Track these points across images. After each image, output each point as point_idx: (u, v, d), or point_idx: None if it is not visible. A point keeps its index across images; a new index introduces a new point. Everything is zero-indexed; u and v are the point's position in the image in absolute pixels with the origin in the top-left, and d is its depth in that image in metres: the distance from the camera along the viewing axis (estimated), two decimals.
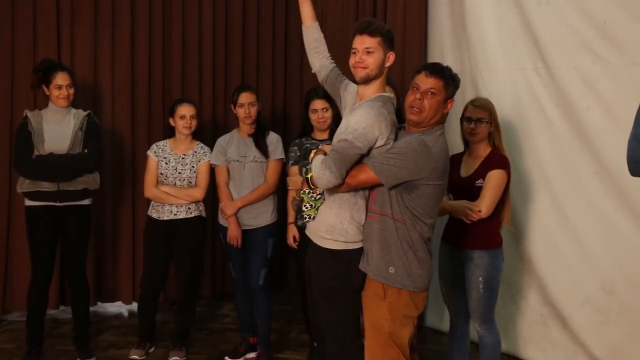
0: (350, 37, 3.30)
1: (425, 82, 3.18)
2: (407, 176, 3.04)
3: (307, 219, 3.37)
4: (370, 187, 3.20)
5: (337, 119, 4.47)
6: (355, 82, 3.30)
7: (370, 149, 3.15)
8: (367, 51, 3.21)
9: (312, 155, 3.34)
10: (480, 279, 3.84)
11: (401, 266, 3.09)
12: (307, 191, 3.32)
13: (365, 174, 3.06)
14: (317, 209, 3.32)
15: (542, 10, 4.53)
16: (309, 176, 3.27)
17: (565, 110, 4.43)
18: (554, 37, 4.47)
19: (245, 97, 4.64)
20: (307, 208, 3.33)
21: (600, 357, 4.30)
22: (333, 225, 3.25)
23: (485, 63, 4.89)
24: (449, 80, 3.20)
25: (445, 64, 3.34)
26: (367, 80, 3.23)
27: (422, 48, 5.36)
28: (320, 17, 6.18)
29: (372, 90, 3.26)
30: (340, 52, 5.84)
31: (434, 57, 5.37)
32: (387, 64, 3.27)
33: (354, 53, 3.24)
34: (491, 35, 4.84)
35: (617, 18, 4.13)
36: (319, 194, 3.31)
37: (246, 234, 4.67)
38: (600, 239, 4.30)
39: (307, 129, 4.61)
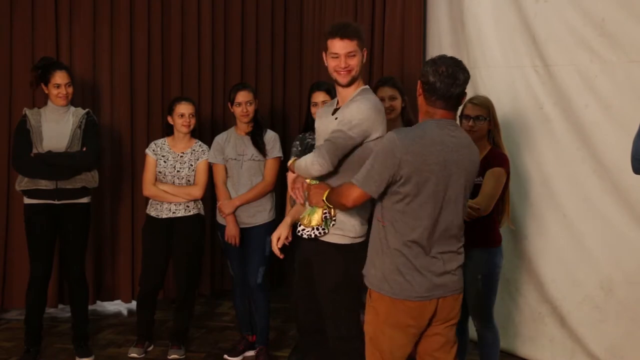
0: (327, 37, 3.33)
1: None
2: (381, 179, 2.88)
3: (321, 234, 3.35)
4: None
5: None
6: (337, 83, 3.37)
7: (364, 141, 3.25)
8: (349, 55, 3.29)
9: (290, 162, 3.47)
10: (480, 276, 3.84)
11: (379, 269, 2.96)
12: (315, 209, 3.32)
13: (356, 191, 2.97)
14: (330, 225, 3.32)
15: (540, 8, 4.53)
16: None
17: (564, 107, 4.44)
18: (552, 35, 4.47)
19: (242, 96, 4.64)
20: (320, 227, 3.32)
21: (599, 355, 4.30)
22: (342, 221, 3.32)
23: (483, 61, 4.89)
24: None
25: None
26: (351, 83, 3.35)
27: (420, 46, 5.36)
28: (319, 16, 6.19)
29: (354, 88, 3.37)
30: None
31: (432, 55, 5.35)
32: (364, 61, 3.39)
33: (335, 57, 3.30)
34: (489, 33, 4.84)
35: (615, 16, 4.14)
36: (333, 218, 3.31)
37: (244, 232, 4.67)
38: (599, 236, 4.31)
39: (310, 124, 4.61)
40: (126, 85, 5.83)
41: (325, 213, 3.30)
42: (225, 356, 4.83)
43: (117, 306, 5.95)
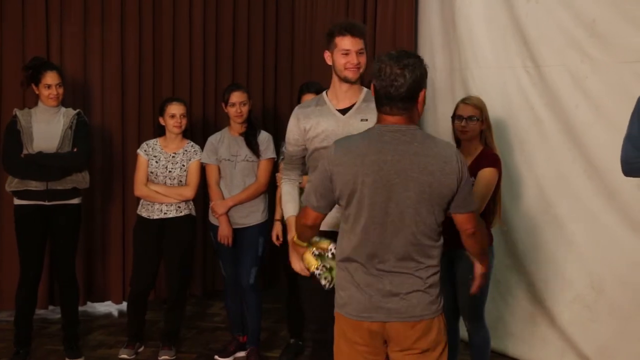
0: (335, 35, 3.33)
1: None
2: (317, 192, 2.76)
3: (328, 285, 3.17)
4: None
5: None
6: (346, 80, 3.37)
7: None
8: (359, 52, 3.34)
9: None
10: (470, 277, 3.84)
11: None
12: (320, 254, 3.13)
13: (306, 209, 2.85)
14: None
15: (531, 8, 4.54)
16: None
17: (554, 108, 4.45)
18: (543, 36, 4.48)
19: (236, 96, 4.64)
20: (325, 278, 3.12)
21: (589, 355, 4.31)
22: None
23: (474, 61, 4.89)
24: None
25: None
26: (358, 80, 3.40)
27: (412, 47, 5.36)
28: (311, 17, 6.19)
29: (357, 86, 3.44)
30: None
31: (424, 55, 5.32)
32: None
33: (346, 54, 3.32)
34: (481, 34, 4.85)
35: (606, 17, 4.15)
36: (329, 249, 3.10)
37: (237, 232, 4.67)
38: (589, 236, 4.32)
39: None
40: (117, 85, 5.81)
41: (313, 251, 3.10)
42: (216, 357, 4.82)
43: (107, 307, 5.93)
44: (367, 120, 3.34)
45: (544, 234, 4.56)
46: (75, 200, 4.66)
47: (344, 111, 3.40)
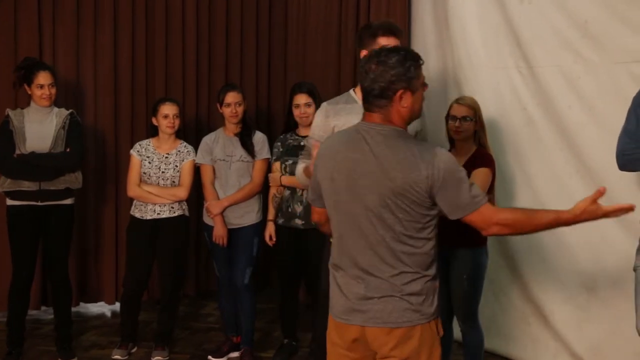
0: (379, 35, 3.38)
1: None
2: (311, 187, 2.79)
3: None
4: None
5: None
6: None
7: None
8: None
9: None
10: (465, 276, 3.86)
11: None
12: None
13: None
14: None
15: (524, 9, 4.55)
16: None
17: (547, 108, 4.46)
18: (535, 36, 4.49)
19: (231, 97, 4.65)
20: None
21: (581, 354, 4.33)
22: None
23: (467, 61, 4.90)
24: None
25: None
26: None
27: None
28: (304, 16, 6.19)
29: None
30: (323, 49, 5.86)
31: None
32: None
33: None
34: (474, 34, 4.86)
35: (598, 17, 4.16)
36: None
37: (232, 233, 4.67)
38: (582, 236, 4.32)
39: (291, 125, 4.62)
40: (110, 86, 5.80)
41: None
42: (210, 357, 4.81)
43: (100, 308, 5.92)
44: None
45: (537, 234, 4.55)
46: (68, 201, 4.65)
47: None
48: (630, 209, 2.58)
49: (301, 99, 4.58)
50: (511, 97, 4.66)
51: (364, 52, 3.40)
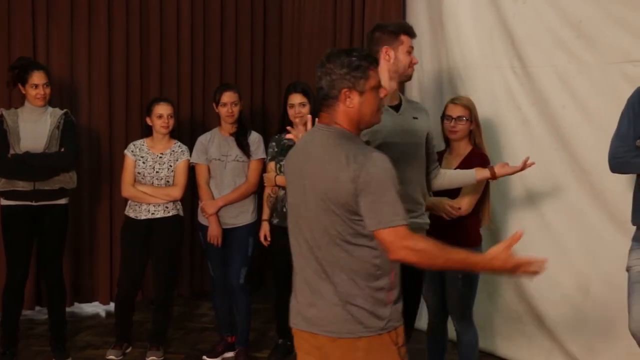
0: (402, 33, 3.38)
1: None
2: None
3: None
4: None
5: (314, 116, 4.48)
6: (407, 78, 3.47)
7: None
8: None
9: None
10: (460, 276, 3.86)
11: None
12: None
13: None
14: None
15: (518, 9, 4.56)
16: None
17: (541, 108, 4.47)
18: (530, 36, 4.50)
19: (228, 96, 4.65)
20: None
21: (576, 354, 4.34)
22: None
23: (462, 61, 4.91)
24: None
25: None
26: None
27: None
28: (298, 17, 6.19)
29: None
30: (317, 50, 5.85)
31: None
32: None
33: (410, 53, 3.40)
34: (468, 34, 4.86)
35: (592, 17, 4.18)
36: None
37: (227, 232, 4.67)
38: (576, 237, 4.34)
39: (285, 125, 4.62)
40: (104, 85, 5.79)
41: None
42: (204, 357, 4.81)
43: (95, 308, 5.90)
44: (417, 118, 3.44)
45: (532, 234, 4.55)
46: (63, 201, 4.63)
47: (394, 108, 3.41)
48: (541, 263, 2.57)
49: (296, 98, 4.58)
50: (506, 97, 4.67)
51: (386, 49, 3.36)
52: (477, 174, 3.67)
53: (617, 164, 3.40)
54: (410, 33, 3.39)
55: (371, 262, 2.46)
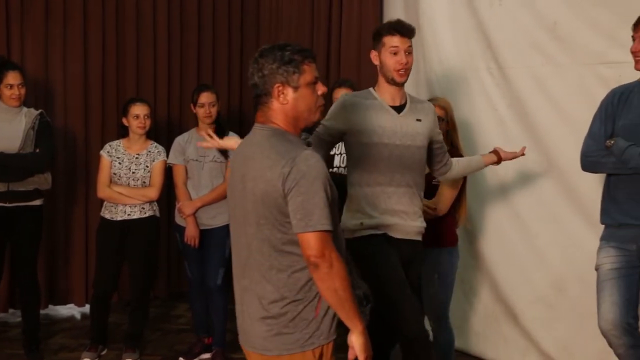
0: (384, 34, 3.35)
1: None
2: None
3: None
4: None
5: None
6: (393, 82, 3.37)
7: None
8: (408, 52, 3.34)
9: None
10: (436, 276, 3.88)
11: None
12: None
13: None
14: None
15: (494, 11, 4.60)
16: None
17: (517, 110, 4.51)
18: (506, 38, 4.54)
19: (205, 97, 4.64)
20: None
21: (550, 352, 4.38)
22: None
23: (439, 63, 4.94)
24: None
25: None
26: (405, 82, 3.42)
27: None
28: (276, 13, 6.19)
29: (403, 88, 3.44)
30: None
31: None
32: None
33: (396, 53, 3.31)
34: (445, 36, 4.90)
35: (567, 20, 4.22)
36: None
37: (204, 233, 4.65)
38: (551, 236, 4.39)
39: None
40: (80, 85, 5.74)
41: None
42: (181, 358, 4.79)
43: (70, 310, 5.84)
44: (420, 120, 3.40)
45: (507, 234, 4.61)
46: (37, 202, 4.59)
47: (396, 109, 3.39)
48: None
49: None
50: (482, 98, 4.71)
51: (373, 53, 3.40)
52: (485, 159, 3.72)
53: (588, 163, 3.47)
54: (393, 31, 3.32)
55: (302, 272, 2.31)
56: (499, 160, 3.75)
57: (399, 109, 3.38)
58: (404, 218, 3.35)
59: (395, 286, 3.26)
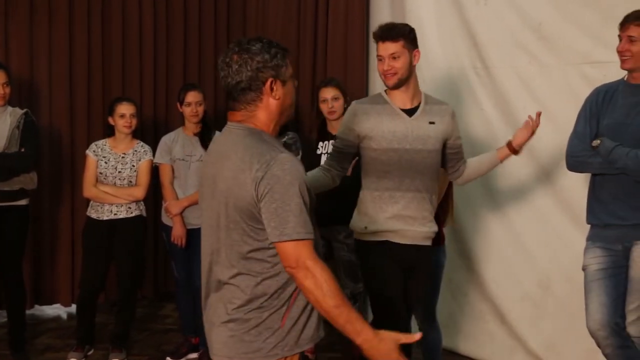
0: (375, 41, 3.34)
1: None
2: None
3: None
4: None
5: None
6: (387, 86, 3.37)
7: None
8: (393, 57, 3.27)
9: None
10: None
11: None
12: None
13: None
14: None
15: (480, 11, 4.61)
16: None
17: (503, 109, 4.53)
18: (491, 38, 4.56)
19: (192, 96, 4.64)
20: None
21: (537, 351, 4.40)
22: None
23: (425, 62, 4.90)
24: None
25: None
26: (400, 85, 3.32)
27: (363, 48, 5.41)
28: (262, 13, 6.17)
29: (413, 90, 3.36)
30: None
31: (375, 56, 5.40)
32: (415, 63, 3.35)
33: (381, 60, 3.30)
34: (431, 35, 4.90)
35: (552, 20, 4.25)
36: None
37: (191, 233, 4.64)
38: (537, 235, 4.41)
39: None
40: (65, 84, 5.71)
41: None
42: (168, 358, 4.78)
43: (56, 310, 5.83)
44: (434, 123, 3.36)
45: (494, 233, 4.63)
46: (23, 202, 4.57)
47: (408, 112, 3.36)
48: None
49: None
50: (468, 98, 4.72)
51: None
52: (499, 153, 3.58)
53: (574, 163, 3.47)
54: (376, 37, 3.30)
55: (272, 279, 2.20)
56: (515, 150, 3.56)
57: (411, 111, 3.36)
58: (411, 223, 3.34)
59: (384, 300, 3.35)
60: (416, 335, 2.27)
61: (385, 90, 3.43)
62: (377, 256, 3.34)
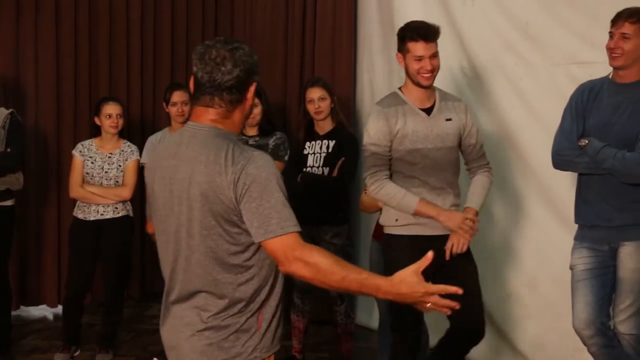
0: (407, 40, 3.36)
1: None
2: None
3: None
4: None
5: (266, 115, 4.50)
6: (419, 85, 3.41)
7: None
8: (433, 55, 3.36)
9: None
10: None
11: None
12: None
13: None
14: None
15: (467, 11, 4.62)
16: None
17: (491, 109, 4.54)
18: (478, 38, 4.57)
19: (178, 96, 4.64)
20: None
21: (523, 350, 4.41)
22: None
23: None
24: None
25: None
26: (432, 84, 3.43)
27: (351, 49, 5.40)
28: (250, 15, 6.16)
29: (431, 88, 3.45)
30: (269, 52, 5.84)
31: (363, 57, 5.42)
32: None
33: (420, 60, 3.33)
34: None
35: (539, 20, 4.26)
36: None
37: None
38: (524, 235, 4.42)
39: None
40: (52, 84, 5.68)
41: None
42: (155, 359, 4.76)
43: (42, 311, 5.80)
44: (451, 119, 3.43)
45: (481, 232, 4.61)
46: (9, 202, 4.54)
47: (425, 111, 3.41)
48: (452, 305, 2.23)
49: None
50: None
51: (398, 56, 3.43)
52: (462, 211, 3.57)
53: (561, 161, 3.48)
54: (417, 37, 3.32)
55: (247, 284, 2.14)
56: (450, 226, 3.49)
57: (428, 110, 3.43)
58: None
59: None
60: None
61: (400, 88, 3.50)
62: (402, 247, 3.42)
